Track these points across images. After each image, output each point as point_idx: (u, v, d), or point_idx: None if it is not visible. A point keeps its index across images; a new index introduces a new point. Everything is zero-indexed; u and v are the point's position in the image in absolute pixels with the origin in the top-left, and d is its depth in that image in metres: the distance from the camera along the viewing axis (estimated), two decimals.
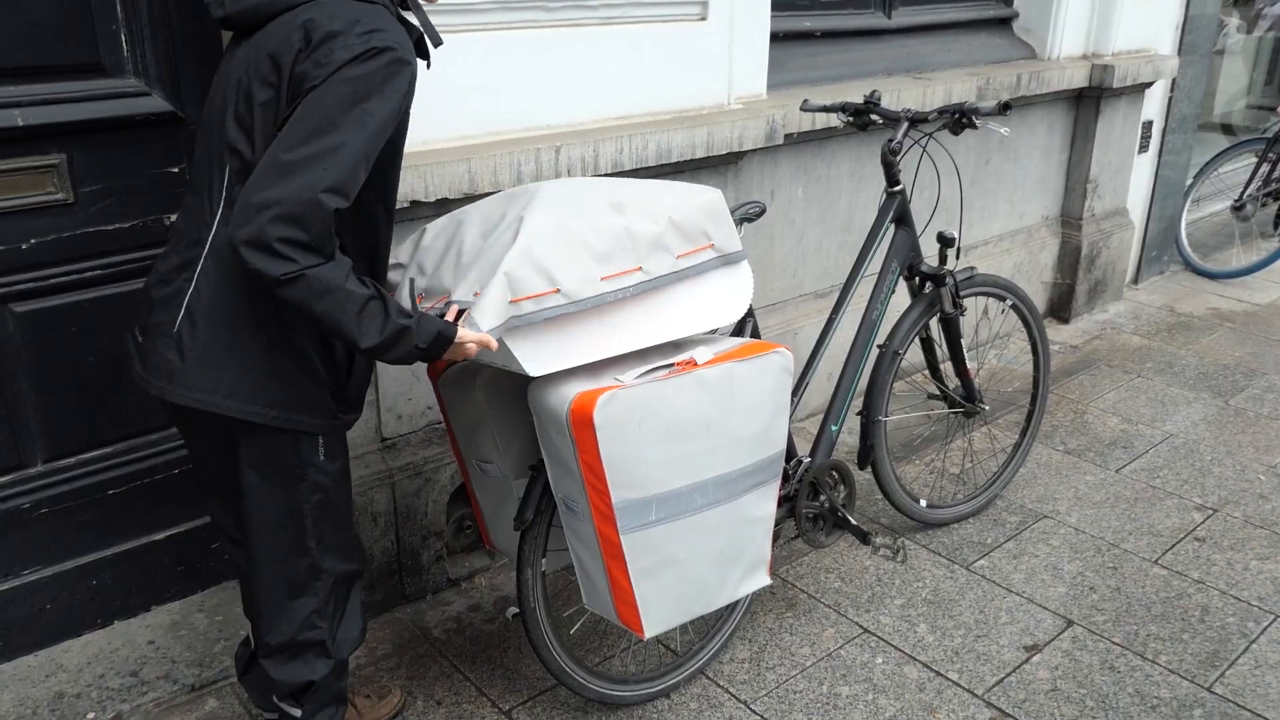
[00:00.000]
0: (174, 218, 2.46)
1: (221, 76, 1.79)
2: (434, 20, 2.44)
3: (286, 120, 1.62)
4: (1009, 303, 3.16)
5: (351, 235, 1.77)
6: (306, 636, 1.95)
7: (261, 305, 1.72)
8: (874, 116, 2.85)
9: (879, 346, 2.89)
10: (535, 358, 1.87)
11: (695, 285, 2.07)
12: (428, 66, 1.90)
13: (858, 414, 2.92)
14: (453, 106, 2.57)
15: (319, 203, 1.56)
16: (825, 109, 2.95)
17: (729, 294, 2.13)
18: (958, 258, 2.88)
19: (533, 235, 1.83)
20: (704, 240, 2.05)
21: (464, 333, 1.76)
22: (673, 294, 2.04)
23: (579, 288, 1.86)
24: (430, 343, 1.73)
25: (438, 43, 1.87)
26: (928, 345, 3.03)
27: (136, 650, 2.55)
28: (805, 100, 3.05)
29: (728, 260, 2.10)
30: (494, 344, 1.79)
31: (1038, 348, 3.30)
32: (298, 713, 2.00)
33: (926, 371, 3.12)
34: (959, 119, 2.72)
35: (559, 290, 1.83)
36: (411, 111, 2.12)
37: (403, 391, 2.69)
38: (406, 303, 1.83)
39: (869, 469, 2.97)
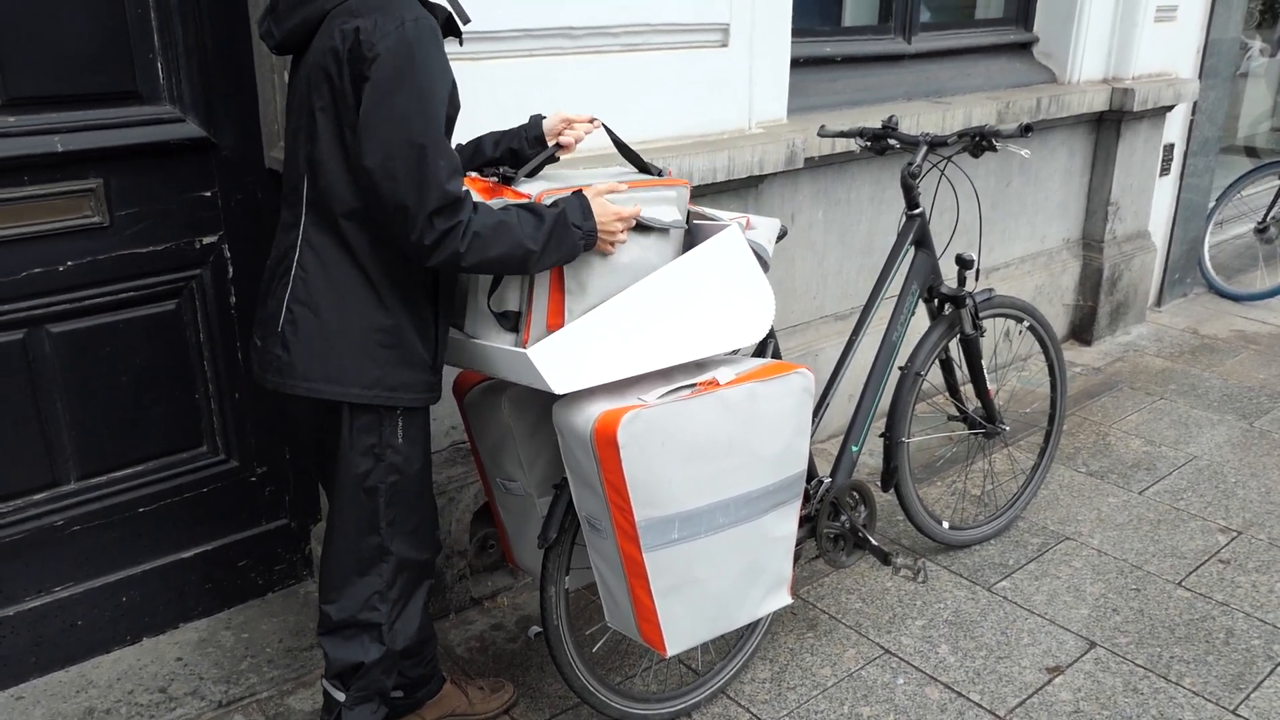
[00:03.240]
0: (206, 240, 2.53)
1: (290, 99, 1.91)
2: (461, 48, 2.48)
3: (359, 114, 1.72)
4: (1026, 324, 3.18)
5: None
6: (365, 617, 2.01)
7: (352, 298, 1.85)
8: (891, 141, 2.88)
9: (900, 368, 2.90)
10: (560, 376, 1.90)
11: (718, 302, 2.10)
12: (460, 44, 2.00)
13: (880, 435, 2.93)
14: (478, 132, 2.61)
15: (447, 192, 1.72)
16: (843, 134, 2.98)
17: (751, 314, 2.15)
18: (977, 279, 2.89)
19: None
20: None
21: (598, 188, 1.94)
22: (696, 312, 2.07)
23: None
24: (582, 216, 1.87)
25: (466, 20, 1.95)
26: (947, 366, 3.05)
27: (165, 667, 2.59)
28: (822, 126, 3.08)
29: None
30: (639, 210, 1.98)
31: (1054, 369, 3.31)
32: (341, 696, 2.05)
33: (946, 393, 3.13)
34: (979, 141, 2.75)
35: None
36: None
37: None
38: None
39: (892, 491, 2.97)
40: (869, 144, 2.92)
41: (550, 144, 2.14)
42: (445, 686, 2.40)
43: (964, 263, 2.86)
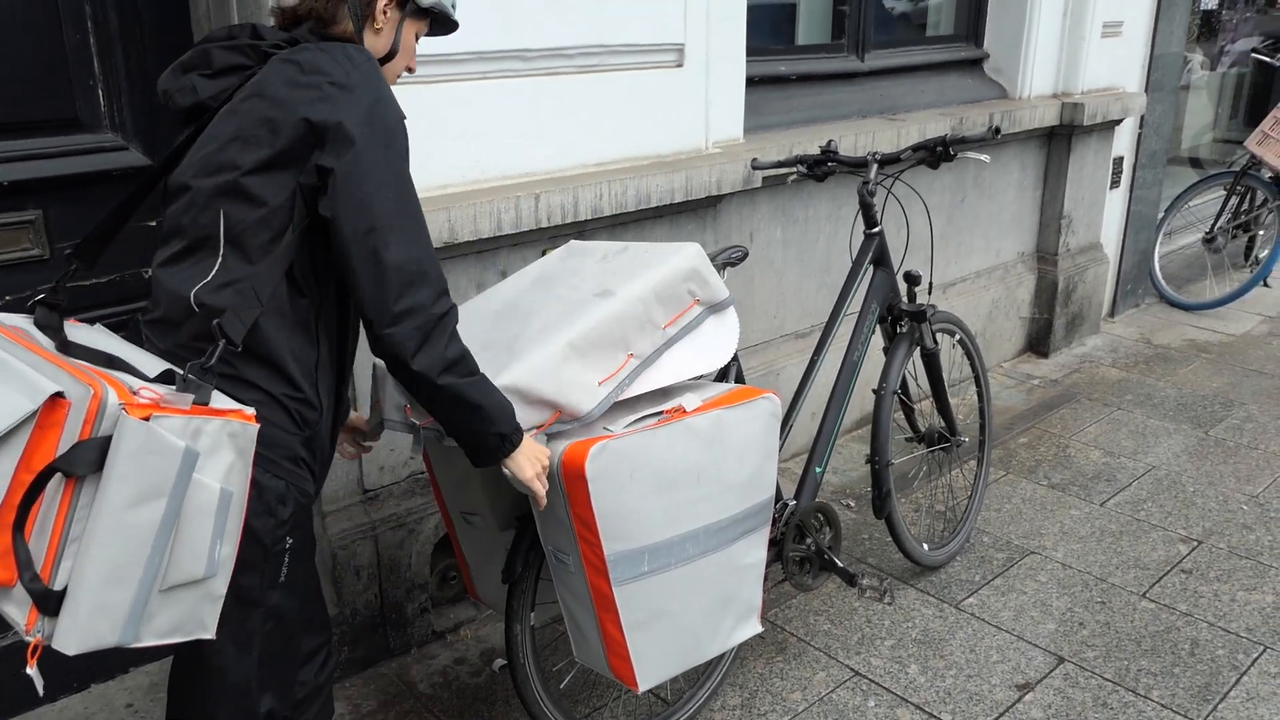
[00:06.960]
0: (153, 271, 2.44)
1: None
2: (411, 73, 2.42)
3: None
4: (957, 337, 3.20)
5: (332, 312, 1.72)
6: None
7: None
8: (832, 165, 2.85)
9: (875, 390, 2.88)
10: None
11: (685, 340, 2.07)
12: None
13: (867, 461, 2.90)
14: (433, 156, 2.57)
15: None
16: (778, 165, 2.93)
17: (716, 341, 2.12)
18: (929, 294, 2.88)
19: (531, 374, 1.87)
20: (689, 299, 2.07)
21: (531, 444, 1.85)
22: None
23: (581, 401, 1.92)
24: (514, 428, 1.78)
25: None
26: (903, 384, 3.03)
27: (115, 714, 2.49)
28: (754, 159, 3.05)
29: (716, 309, 2.11)
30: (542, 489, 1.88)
31: (980, 379, 3.35)
32: None
33: (902, 412, 3.11)
34: (939, 151, 2.73)
35: (561, 413, 1.91)
36: None
37: (385, 442, 2.66)
38: None
39: (884, 518, 2.94)
40: (808, 171, 2.89)
41: None
42: None
43: (913, 279, 2.86)
